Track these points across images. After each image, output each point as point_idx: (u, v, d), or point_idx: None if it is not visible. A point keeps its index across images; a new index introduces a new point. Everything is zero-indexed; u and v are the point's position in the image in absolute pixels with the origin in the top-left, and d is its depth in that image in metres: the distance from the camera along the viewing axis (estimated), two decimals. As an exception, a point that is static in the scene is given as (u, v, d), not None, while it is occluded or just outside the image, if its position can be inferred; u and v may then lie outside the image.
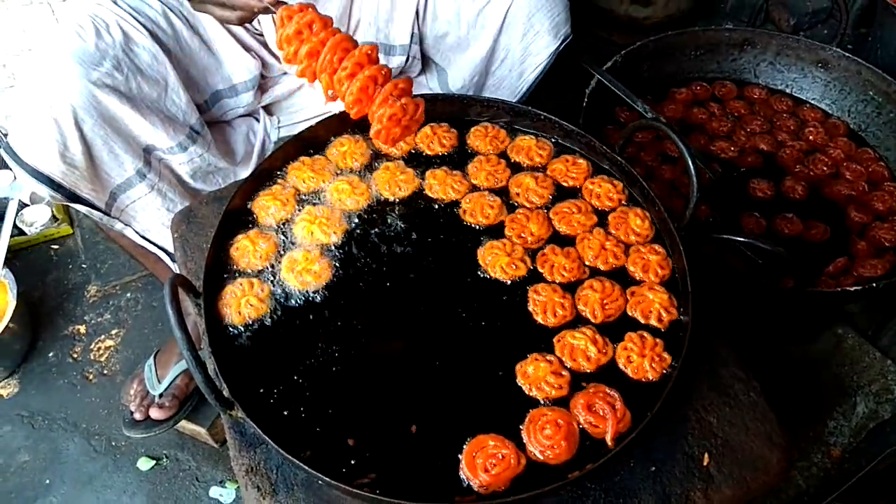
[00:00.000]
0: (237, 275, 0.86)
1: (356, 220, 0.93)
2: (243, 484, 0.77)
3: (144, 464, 1.30)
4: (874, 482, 1.06)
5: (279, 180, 0.95)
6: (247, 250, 0.86)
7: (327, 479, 0.67)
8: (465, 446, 0.73)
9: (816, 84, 1.48)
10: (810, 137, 1.39)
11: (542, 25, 1.12)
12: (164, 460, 1.31)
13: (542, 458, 0.72)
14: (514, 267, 0.87)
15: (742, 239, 1.02)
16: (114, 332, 1.49)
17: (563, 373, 0.78)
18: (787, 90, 1.50)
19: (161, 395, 1.25)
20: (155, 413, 1.24)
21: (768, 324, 1.27)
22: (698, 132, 1.41)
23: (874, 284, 1.10)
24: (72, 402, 1.39)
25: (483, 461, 0.71)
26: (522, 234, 0.91)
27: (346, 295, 0.86)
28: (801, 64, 1.48)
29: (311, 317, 0.84)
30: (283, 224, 0.90)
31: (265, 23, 1.12)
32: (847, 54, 1.42)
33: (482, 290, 0.86)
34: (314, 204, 0.93)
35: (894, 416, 1.28)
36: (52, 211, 1.63)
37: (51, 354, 1.46)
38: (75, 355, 1.46)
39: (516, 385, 0.78)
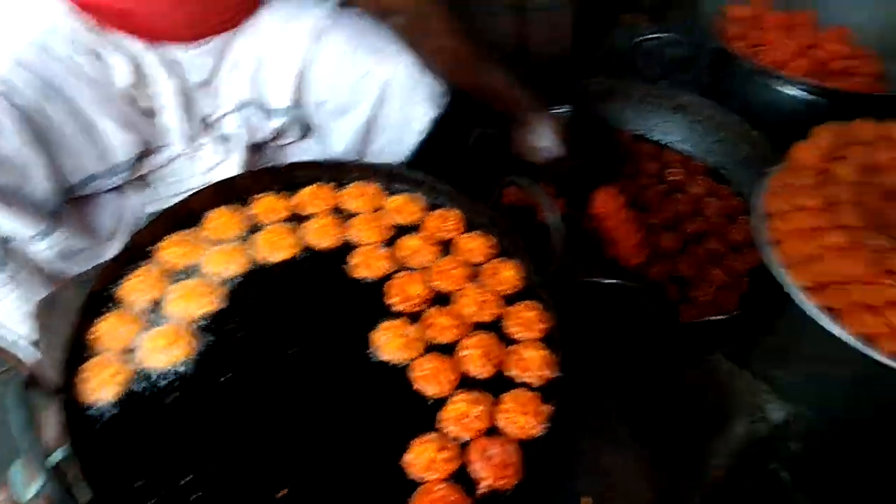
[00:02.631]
0: (100, 358, 0.82)
1: (234, 289, 0.91)
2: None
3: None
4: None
5: (148, 259, 0.92)
6: (111, 332, 0.83)
7: None
8: None
9: (677, 128, 1.59)
10: (672, 178, 1.50)
11: (421, 96, 1.16)
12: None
13: None
14: (407, 349, 0.86)
15: (607, 281, 1.08)
16: (-22, 431, 1.37)
17: (450, 445, 0.78)
18: (651, 135, 1.61)
19: (29, 502, 1.16)
20: None
21: (643, 358, 1.34)
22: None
23: (730, 314, 1.19)
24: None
25: None
26: (408, 297, 0.92)
27: (218, 371, 0.84)
28: (661, 110, 1.60)
29: (179, 392, 0.81)
30: (152, 302, 0.88)
31: (165, 97, 1.10)
32: (702, 99, 1.54)
33: (369, 370, 0.85)
34: (187, 278, 0.91)
35: (768, 434, 1.36)
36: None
37: None
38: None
39: (402, 471, 0.77)
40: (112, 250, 1.12)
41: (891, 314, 0.97)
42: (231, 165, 1.21)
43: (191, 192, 0.97)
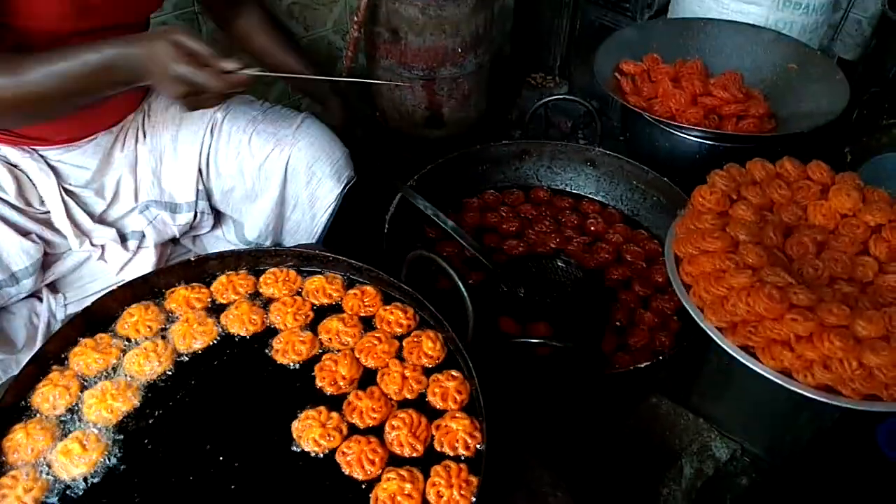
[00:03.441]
0: (10, 475, 0.79)
1: (153, 386, 0.90)
2: None
3: None
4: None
5: (61, 365, 0.90)
6: (20, 444, 0.80)
7: None
8: None
9: (590, 180, 1.66)
10: (591, 228, 1.55)
11: (323, 172, 1.19)
12: None
13: None
14: (329, 438, 0.85)
15: (537, 340, 1.10)
16: None
17: None
18: (567, 189, 1.67)
19: None
20: None
21: (583, 410, 1.35)
22: (492, 233, 1.53)
23: (661, 358, 1.22)
24: None
25: None
26: (335, 380, 0.91)
27: (138, 472, 0.81)
28: (573, 164, 1.66)
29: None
30: (66, 410, 0.86)
31: (50, 201, 1.09)
32: (608, 152, 1.61)
33: (295, 460, 0.84)
34: (102, 380, 0.88)
35: (717, 470, 1.38)
36: None
37: None
38: None
39: None
40: (27, 359, 1.09)
41: (800, 348, 1.00)
42: (143, 263, 1.20)
43: (103, 294, 0.95)
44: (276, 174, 1.19)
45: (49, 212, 1.12)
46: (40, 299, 1.16)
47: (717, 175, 1.28)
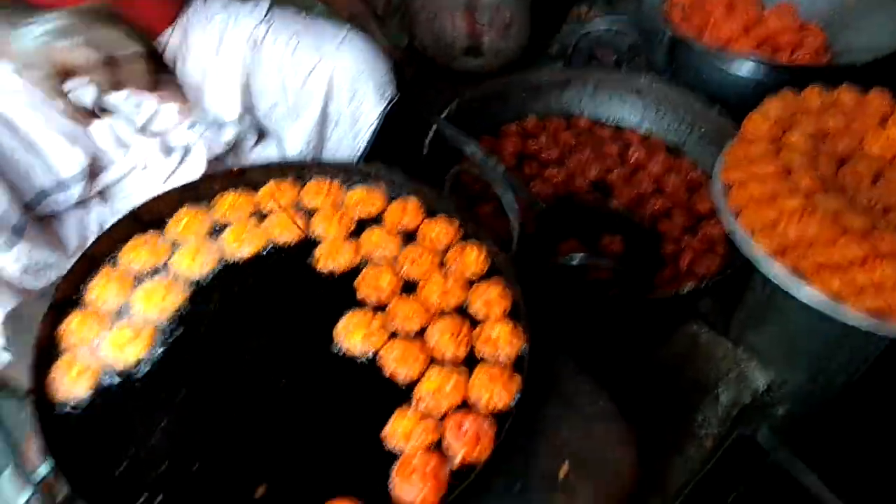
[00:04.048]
0: (67, 356, 0.83)
1: (200, 287, 0.92)
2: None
3: None
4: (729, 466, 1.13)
5: (112, 262, 0.92)
6: (77, 332, 0.84)
7: None
8: None
9: (634, 110, 1.62)
10: (633, 158, 1.52)
11: (366, 89, 1.18)
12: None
13: (412, 503, 0.73)
14: (372, 340, 0.86)
15: (576, 262, 1.09)
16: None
17: (429, 420, 0.79)
18: (610, 119, 1.64)
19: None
20: None
21: (621, 335, 1.35)
22: (532, 161, 1.51)
23: (704, 284, 1.20)
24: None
25: None
26: (377, 289, 0.92)
27: (187, 364, 0.84)
28: (618, 94, 1.62)
29: (148, 389, 0.82)
30: (118, 304, 0.88)
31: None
32: (656, 80, 1.57)
33: (338, 361, 0.86)
34: (152, 278, 0.91)
35: (753, 399, 1.38)
36: None
37: None
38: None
39: (379, 444, 0.78)
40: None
41: (852, 273, 0.99)
42: (188, 176, 1.21)
43: (151, 197, 0.97)
44: (318, 90, 1.18)
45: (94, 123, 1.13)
46: (89, 209, 1.18)
47: (772, 102, 1.25)
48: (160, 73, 1.17)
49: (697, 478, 1.10)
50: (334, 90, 1.18)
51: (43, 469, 0.93)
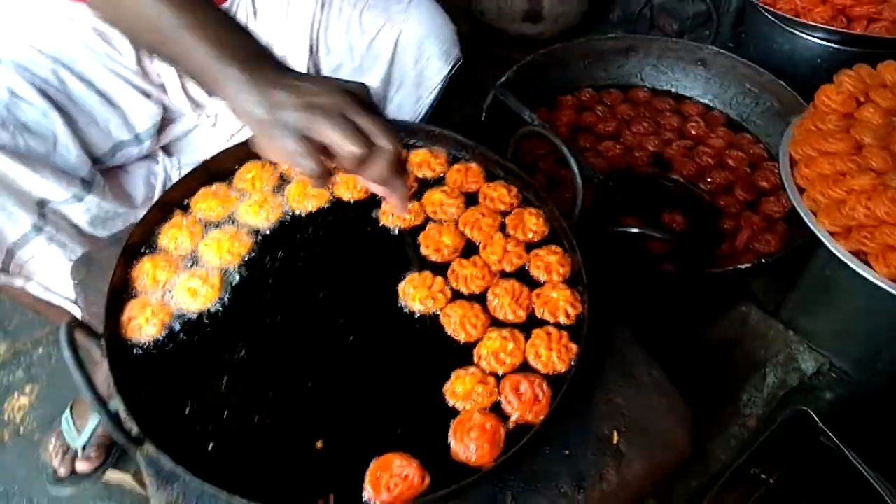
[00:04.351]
0: (139, 299, 0.86)
1: (266, 237, 0.94)
2: (165, 524, 0.76)
3: (70, 521, 1.26)
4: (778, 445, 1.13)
5: (183, 210, 0.95)
6: (149, 275, 0.87)
7: None
8: (370, 465, 0.73)
9: (698, 81, 1.58)
10: (692, 132, 1.49)
11: (432, 51, 1.17)
12: (92, 515, 1.27)
13: (467, 460, 0.74)
14: (434, 300, 0.87)
15: (636, 230, 1.08)
16: (27, 388, 1.44)
17: (489, 379, 0.80)
18: (672, 90, 1.60)
19: (84, 447, 1.22)
20: (81, 466, 1.21)
21: (674, 310, 1.34)
22: (587, 133, 1.49)
23: (763, 260, 1.18)
24: (-14, 464, 1.33)
25: (387, 480, 0.72)
26: (438, 248, 0.93)
27: (253, 312, 0.86)
28: (682, 64, 1.58)
29: (215, 336, 0.84)
30: (188, 250, 0.91)
31: (166, 76, 1.13)
32: (722, 51, 1.53)
33: (399, 317, 0.87)
34: (220, 227, 0.93)
35: (801, 382, 1.36)
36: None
37: (-39, 418, 1.40)
38: (-12, 416, 1.40)
39: (438, 400, 0.79)
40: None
41: (920, 254, 0.96)
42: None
43: (221, 150, 0.99)
44: (385, 51, 1.18)
45: (164, 82, 1.15)
46: (156, 161, 1.21)
47: (846, 75, 1.21)
48: None
49: (743, 458, 1.09)
50: (400, 52, 1.18)
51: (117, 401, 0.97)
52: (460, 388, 0.79)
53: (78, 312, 1.12)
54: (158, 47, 0.77)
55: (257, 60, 0.72)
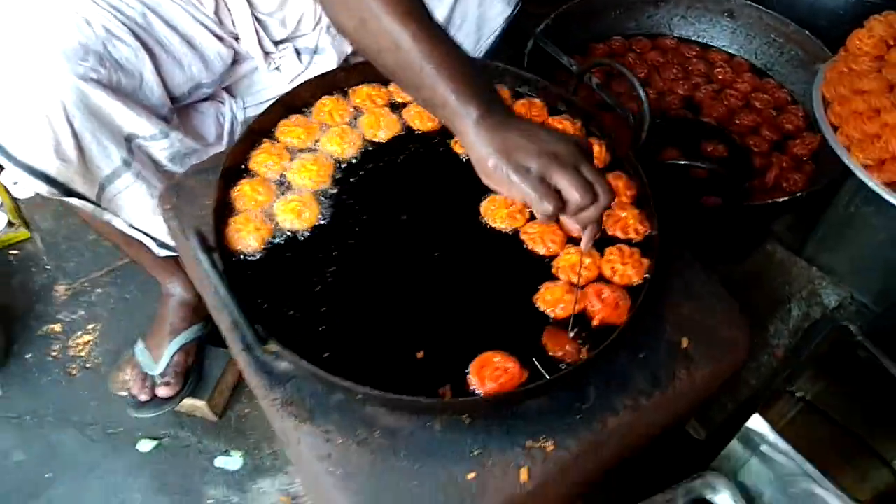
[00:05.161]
0: (241, 215, 0.92)
1: (347, 165, 1.00)
2: (279, 417, 0.82)
3: (145, 445, 1.33)
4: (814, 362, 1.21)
5: (269, 139, 1.01)
6: (247, 195, 0.93)
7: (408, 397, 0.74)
8: (471, 363, 0.81)
9: (724, 32, 1.65)
10: (719, 77, 1.57)
11: None
12: (165, 440, 1.34)
13: (563, 357, 0.82)
14: (514, 218, 0.94)
15: (684, 162, 1.15)
16: (90, 326, 1.49)
17: (574, 291, 0.87)
18: (699, 40, 1.66)
19: (162, 374, 1.28)
20: (162, 391, 1.28)
21: (705, 245, 1.41)
22: (620, 79, 1.55)
23: (799, 195, 1.26)
24: (58, 398, 1.39)
25: (490, 372, 0.79)
26: None
27: (345, 232, 0.93)
28: (709, 15, 1.65)
29: (312, 252, 0.90)
30: (278, 174, 0.97)
31: (241, 24, 1.17)
32: (749, 2, 1.59)
33: (481, 234, 0.94)
34: (306, 154, 0.99)
35: (824, 315, 1.45)
36: (7, 216, 1.61)
37: (28, 356, 1.45)
38: (54, 353, 1.45)
39: (528, 308, 0.87)
40: (217, 151, 1.20)
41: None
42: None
43: (298, 84, 1.04)
44: None
45: (237, 30, 1.19)
46: (222, 102, 1.25)
47: (876, 20, 1.27)
48: None
49: (787, 372, 1.18)
50: None
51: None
52: (550, 297, 0.86)
53: (154, 247, 1.17)
54: (395, 70, 0.80)
55: (492, 101, 0.78)
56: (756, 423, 0.98)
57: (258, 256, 0.89)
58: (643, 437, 0.88)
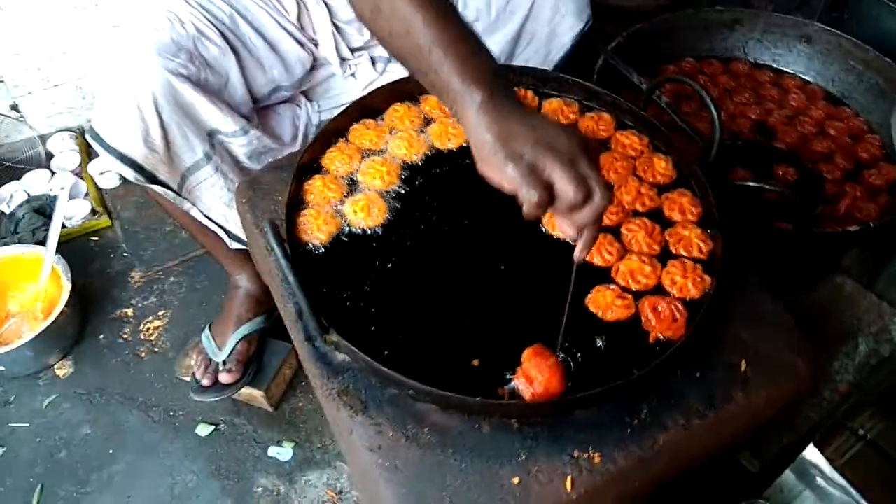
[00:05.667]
0: (313, 209, 0.96)
1: (414, 169, 1.03)
2: (334, 407, 0.85)
3: (203, 430, 1.38)
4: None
5: (343, 139, 1.05)
6: (319, 190, 0.97)
7: (458, 395, 0.76)
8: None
9: (801, 57, 1.61)
10: (793, 103, 1.53)
11: (567, 8, 1.23)
12: (222, 426, 1.39)
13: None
14: None
15: (753, 184, 1.13)
16: (160, 313, 1.57)
17: (626, 295, 0.88)
18: (773, 65, 1.63)
19: (225, 362, 1.34)
20: (224, 378, 1.33)
21: (774, 271, 1.38)
22: (690, 101, 1.54)
23: (871, 224, 1.22)
24: (126, 379, 1.46)
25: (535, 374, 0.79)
26: None
27: (408, 233, 0.95)
28: (786, 39, 1.61)
29: (376, 249, 0.94)
30: (349, 174, 1.01)
31: (321, 31, 1.22)
32: (828, 28, 1.55)
33: (538, 241, 0.95)
34: (376, 156, 1.03)
35: (893, 353, 1.39)
36: (91, 204, 1.71)
37: (101, 336, 1.54)
38: (125, 336, 1.53)
39: (582, 313, 0.87)
40: (293, 151, 1.25)
41: None
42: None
43: (371, 90, 1.08)
44: (521, 9, 1.24)
45: (317, 37, 1.24)
46: (299, 105, 1.31)
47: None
48: None
49: (848, 404, 1.14)
50: (536, 9, 1.23)
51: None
52: (601, 300, 0.87)
53: (227, 238, 1.23)
54: (406, 57, 0.80)
55: (498, 85, 0.75)
56: (812, 454, 0.95)
57: (324, 250, 0.93)
58: (694, 458, 0.87)
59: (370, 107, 1.09)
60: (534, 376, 0.78)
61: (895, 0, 1.48)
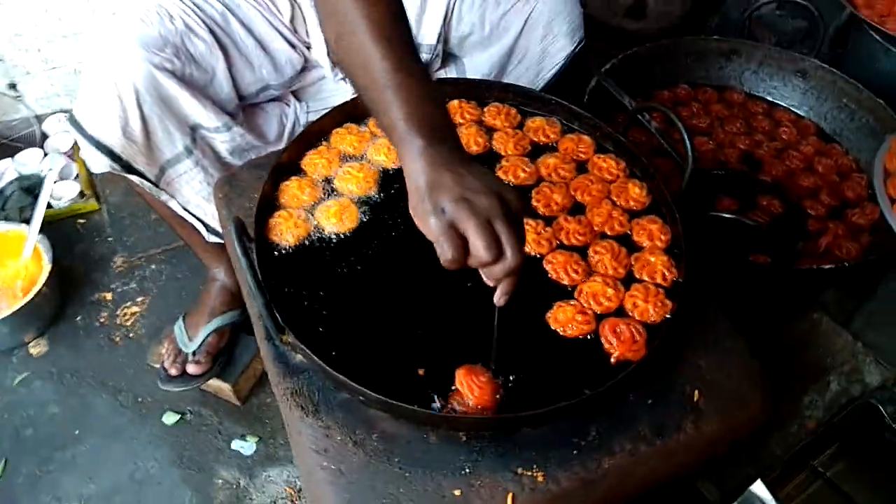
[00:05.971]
0: (284, 212, 0.97)
1: (391, 177, 1.04)
2: (286, 406, 0.86)
3: (169, 418, 1.39)
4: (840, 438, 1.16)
5: (324, 142, 1.06)
6: (293, 193, 0.98)
7: (403, 404, 0.77)
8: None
9: (795, 92, 1.62)
10: (783, 136, 1.54)
11: (560, 29, 1.24)
12: (188, 415, 1.40)
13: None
14: (540, 245, 0.96)
15: (730, 216, 1.14)
16: (139, 299, 1.58)
17: (587, 312, 0.89)
18: (768, 97, 1.64)
19: (195, 353, 1.34)
20: (192, 369, 1.34)
21: (749, 304, 1.38)
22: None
23: (846, 264, 1.23)
24: (99, 362, 1.48)
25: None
26: (549, 204, 1.01)
27: (377, 240, 0.96)
28: (781, 73, 1.62)
29: (341, 255, 0.94)
30: (325, 178, 1.02)
31: (314, 33, 1.23)
32: (824, 65, 1.56)
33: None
34: (353, 162, 1.04)
35: (863, 394, 1.39)
36: (80, 187, 1.72)
37: (78, 318, 1.55)
38: (102, 320, 1.54)
39: (543, 330, 0.88)
40: (276, 150, 1.26)
41: None
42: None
43: (354, 97, 1.09)
44: (515, 25, 1.25)
45: (310, 40, 1.26)
46: (287, 104, 1.32)
47: (950, 95, 1.24)
48: None
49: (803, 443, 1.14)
50: (529, 27, 1.24)
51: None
52: (561, 316, 0.88)
53: (204, 232, 1.24)
54: (363, 92, 0.80)
55: (441, 135, 0.75)
56: (758, 488, 0.95)
57: (291, 252, 0.94)
58: (641, 485, 0.87)
59: (355, 112, 1.10)
60: (465, 393, 0.79)
61: (894, 41, 1.48)
